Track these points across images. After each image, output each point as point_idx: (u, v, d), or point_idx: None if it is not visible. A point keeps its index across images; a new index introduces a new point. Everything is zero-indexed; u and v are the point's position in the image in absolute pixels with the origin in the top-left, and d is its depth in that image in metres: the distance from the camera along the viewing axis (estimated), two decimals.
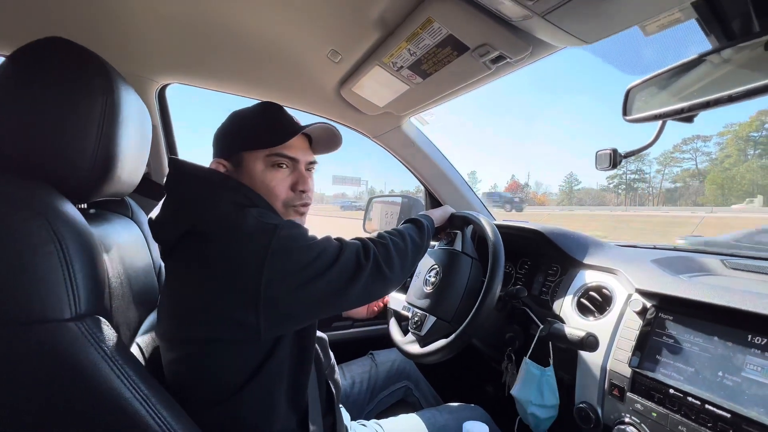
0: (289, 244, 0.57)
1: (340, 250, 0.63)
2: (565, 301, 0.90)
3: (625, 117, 0.73)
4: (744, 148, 41.90)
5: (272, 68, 1.02)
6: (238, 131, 0.70)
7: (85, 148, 0.50)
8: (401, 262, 0.71)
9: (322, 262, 0.59)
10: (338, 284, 0.60)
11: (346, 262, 0.62)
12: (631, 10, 0.56)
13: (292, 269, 0.56)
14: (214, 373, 0.57)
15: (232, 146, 0.69)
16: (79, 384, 0.41)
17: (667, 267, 0.82)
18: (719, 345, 0.61)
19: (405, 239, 0.75)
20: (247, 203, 0.62)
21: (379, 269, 0.66)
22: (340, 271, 0.60)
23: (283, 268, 0.55)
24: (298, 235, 0.60)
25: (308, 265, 0.57)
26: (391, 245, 0.71)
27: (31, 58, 0.49)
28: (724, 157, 41.24)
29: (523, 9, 0.59)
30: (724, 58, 0.60)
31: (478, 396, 1.34)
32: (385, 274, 0.67)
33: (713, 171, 40.97)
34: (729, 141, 41.79)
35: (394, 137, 1.34)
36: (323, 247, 0.61)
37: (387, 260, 0.68)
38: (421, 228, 0.83)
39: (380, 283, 0.67)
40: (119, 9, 0.79)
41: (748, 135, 41.87)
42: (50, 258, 0.41)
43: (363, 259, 0.64)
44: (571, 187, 65.95)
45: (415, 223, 0.84)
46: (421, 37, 0.75)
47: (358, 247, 0.66)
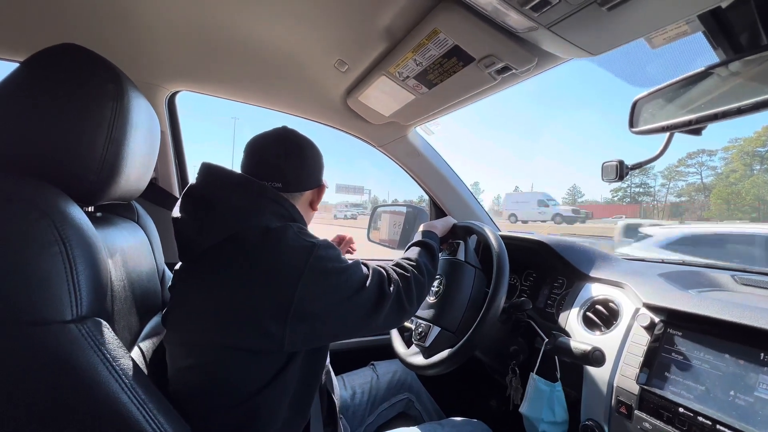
0: (325, 265, 0.59)
1: (367, 277, 0.65)
2: (571, 314, 0.89)
3: (631, 129, 0.73)
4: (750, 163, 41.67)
5: (280, 77, 1.04)
6: (319, 164, 0.78)
7: (94, 152, 0.51)
8: (418, 296, 0.73)
9: (352, 286, 0.62)
10: (364, 310, 0.63)
11: (372, 289, 0.64)
12: (636, 22, 0.56)
13: (325, 289, 0.58)
14: (228, 381, 0.57)
15: (319, 177, 0.79)
16: (77, 386, 0.41)
17: (676, 281, 0.80)
18: (731, 363, 0.59)
19: (422, 271, 0.77)
20: (287, 215, 0.66)
21: (399, 301, 0.68)
22: (367, 298, 0.63)
23: (316, 286, 0.57)
24: (334, 256, 0.62)
25: (339, 287, 0.60)
26: (412, 279, 0.73)
27: (44, 64, 0.51)
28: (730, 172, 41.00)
29: (529, 21, 0.59)
30: (732, 70, 0.60)
31: (481, 410, 1.31)
32: (405, 307, 0.69)
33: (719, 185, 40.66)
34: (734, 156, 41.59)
35: (399, 147, 1.35)
36: (353, 272, 0.63)
37: (408, 293, 0.70)
38: (434, 255, 0.85)
39: (398, 315, 0.69)
40: (131, 18, 0.81)
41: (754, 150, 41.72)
42: (54, 259, 0.41)
43: (387, 289, 0.67)
44: (575, 199, 65.82)
45: (427, 249, 0.85)
46: (427, 47, 0.75)
47: (383, 277, 0.68)
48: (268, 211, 0.63)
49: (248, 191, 0.64)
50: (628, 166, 0.80)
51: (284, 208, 0.66)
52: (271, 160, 0.72)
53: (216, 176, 0.65)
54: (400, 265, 0.76)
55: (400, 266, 0.76)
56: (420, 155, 1.36)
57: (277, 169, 0.71)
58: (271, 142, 0.73)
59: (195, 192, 0.64)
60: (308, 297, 0.56)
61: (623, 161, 0.80)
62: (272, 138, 0.74)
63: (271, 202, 0.64)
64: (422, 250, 0.84)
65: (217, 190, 0.63)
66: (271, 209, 0.64)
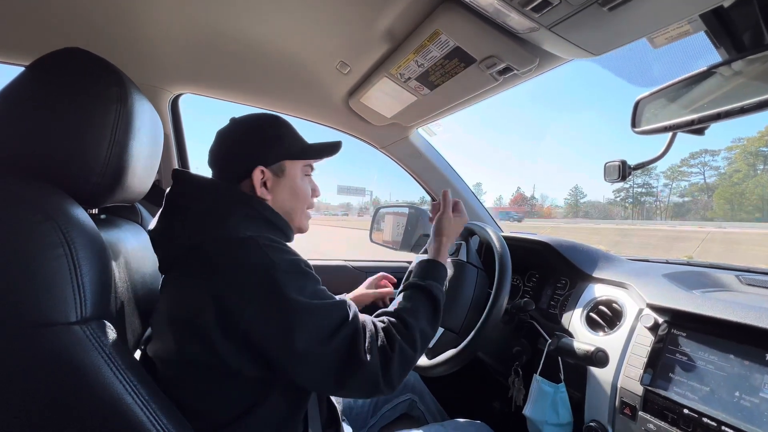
0: (281, 292, 0.52)
1: (337, 329, 0.54)
2: (574, 315, 0.88)
3: (634, 129, 0.73)
4: (753, 162, 41.53)
5: (282, 79, 1.05)
6: (279, 140, 0.68)
7: (98, 154, 0.52)
8: (400, 373, 0.59)
9: (311, 332, 0.52)
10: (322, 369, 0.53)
11: (338, 347, 0.53)
12: (638, 22, 0.56)
13: (274, 322, 0.51)
14: (200, 403, 0.55)
15: (275, 154, 0.68)
16: (81, 387, 0.41)
17: (680, 282, 0.80)
18: (735, 364, 0.58)
19: (415, 344, 0.61)
20: (256, 216, 0.62)
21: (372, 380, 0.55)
22: (328, 356, 0.53)
23: (266, 314, 0.51)
24: (295, 285, 0.54)
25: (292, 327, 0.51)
26: (397, 353, 0.58)
27: (49, 68, 0.51)
28: (733, 172, 40.82)
29: (530, 21, 0.59)
30: (735, 69, 0.60)
31: (484, 411, 1.31)
32: (378, 387, 0.56)
33: (722, 185, 40.46)
34: (737, 155, 41.46)
35: (401, 148, 1.35)
36: (318, 314, 0.54)
37: (385, 370, 0.56)
38: (437, 309, 0.68)
39: (367, 390, 0.56)
40: (135, 21, 0.82)
41: (758, 150, 41.55)
42: (59, 261, 0.42)
43: (362, 355, 0.54)
44: (577, 199, 65.54)
45: (432, 303, 0.68)
46: (429, 49, 0.75)
47: (358, 338, 0.55)
48: (236, 215, 0.59)
49: (213, 195, 0.62)
50: (630, 166, 0.79)
51: (252, 208, 0.62)
52: (210, 159, 0.69)
53: (184, 182, 0.63)
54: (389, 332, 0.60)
55: (388, 332, 0.60)
56: (422, 156, 1.37)
57: (212, 165, 0.69)
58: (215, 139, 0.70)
59: (167, 200, 0.63)
60: (257, 325, 0.51)
61: (626, 161, 0.80)
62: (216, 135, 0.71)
63: (239, 204, 0.61)
64: (424, 303, 0.67)
65: (185, 196, 0.62)
66: (241, 212, 0.60)
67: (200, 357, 0.53)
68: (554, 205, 77.06)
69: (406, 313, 0.64)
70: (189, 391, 0.55)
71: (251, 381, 0.56)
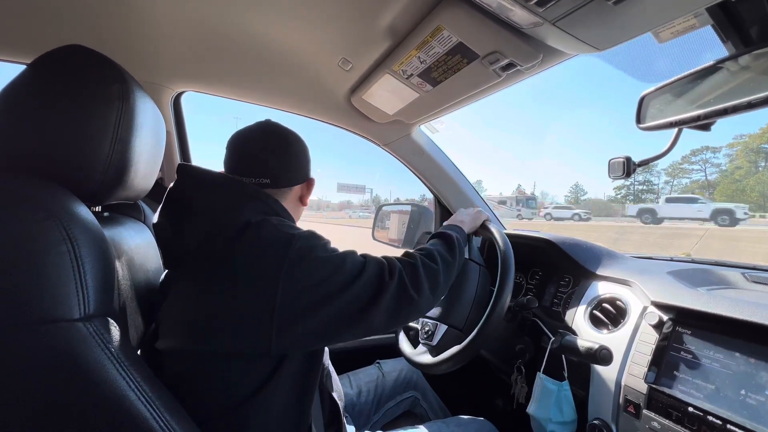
0: (307, 255, 0.55)
1: (362, 266, 0.59)
2: (578, 312, 0.88)
3: (638, 125, 0.72)
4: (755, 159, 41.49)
5: (284, 76, 1.04)
6: (307, 157, 0.75)
7: (101, 152, 0.52)
8: (431, 285, 0.65)
9: (341, 278, 0.56)
10: (358, 305, 0.56)
11: (368, 279, 0.58)
12: (644, 16, 0.55)
13: (309, 284, 0.53)
14: (218, 387, 0.55)
15: (307, 171, 0.75)
16: (85, 383, 0.41)
17: (685, 279, 0.79)
18: (741, 362, 0.58)
19: (435, 258, 0.69)
20: (269, 212, 0.62)
21: (405, 290, 0.61)
22: (360, 290, 0.57)
23: (299, 282, 0.53)
24: (317, 245, 0.57)
25: (326, 280, 0.55)
26: (420, 265, 0.66)
27: (51, 66, 0.51)
28: (735, 169, 40.79)
29: (534, 16, 0.59)
30: (742, 64, 0.59)
31: (487, 409, 1.31)
32: (412, 297, 0.61)
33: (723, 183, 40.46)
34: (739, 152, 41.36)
35: (403, 145, 1.34)
36: (343, 262, 0.58)
37: (414, 281, 0.63)
38: (450, 243, 0.76)
39: (407, 308, 0.62)
40: (137, 19, 0.81)
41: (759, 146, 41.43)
42: (62, 258, 0.42)
43: (387, 277, 0.60)
44: (578, 197, 65.67)
45: (443, 238, 0.78)
46: (431, 44, 0.75)
47: (382, 264, 0.61)
48: (248, 209, 0.60)
49: (226, 190, 0.62)
50: (635, 162, 0.79)
51: (267, 205, 0.63)
52: (256, 155, 0.68)
53: (193, 177, 0.63)
54: (408, 254, 0.70)
55: (407, 254, 0.69)
56: (424, 153, 1.36)
57: (264, 164, 0.68)
58: (255, 136, 0.70)
59: (173, 195, 0.62)
60: (292, 295, 0.52)
61: (630, 158, 0.79)
62: (256, 132, 0.70)
63: (252, 200, 0.61)
64: (437, 240, 0.78)
65: (194, 191, 0.61)
66: (252, 206, 0.60)
67: (228, 348, 0.53)
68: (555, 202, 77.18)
69: (422, 246, 0.75)
70: (198, 383, 0.56)
71: (262, 367, 0.56)
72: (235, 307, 0.52)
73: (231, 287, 0.52)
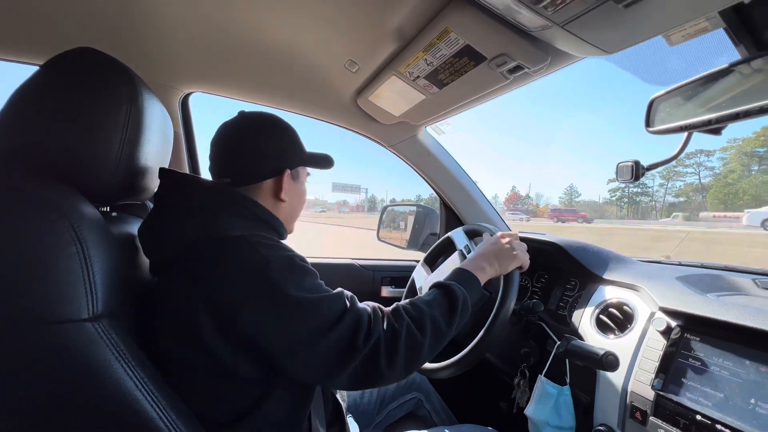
0: (276, 290, 0.51)
1: (337, 319, 0.53)
2: (584, 317, 0.87)
3: (648, 128, 0.71)
4: (748, 163, 42.21)
5: (291, 78, 1.05)
6: (299, 145, 0.71)
7: (109, 153, 0.52)
8: (407, 360, 0.56)
9: (308, 327, 0.51)
10: (319, 363, 0.52)
11: (339, 338, 0.52)
12: (655, 19, 0.55)
13: (272, 318, 0.50)
14: (199, 405, 0.53)
15: (298, 159, 0.70)
16: (93, 382, 0.42)
17: (694, 285, 0.78)
18: (751, 370, 0.57)
19: (424, 329, 0.59)
20: (249, 215, 0.61)
21: (375, 362, 0.54)
22: (325, 349, 0.51)
23: (263, 313, 0.50)
24: (291, 280, 0.52)
25: (291, 322, 0.51)
26: (404, 336, 0.56)
27: (62, 68, 0.52)
28: (728, 172, 41.57)
29: (542, 19, 0.58)
30: (755, 68, 0.58)
31: (490, 412, 1.30)
32: (381, 372, 0.54)
33: (716, 186, 41.05)
34: (732, 156, 42.00)
35: (409, 146, 1.34)
36: (316, 307, 0.52)
37: (390, 354, 0.55)
38: (453, 307, 0.64)
39: (371, 379, 0.55)
40: (147, 21, 0.82)
41: (753, 150, 42.01)
42: (71, 259, 0.43)
43: (361, 342, 0.53)
44: (572, 198, 65.96)
45: (449, 298, 0.65)
46: (438, 47, 0.75)
47: (360, 324, 0.54)
48: (227, 214, 0.58)
49: (201, 193, 0.60)
50: (644, 166, 0.78)
51: (245, 207, 0.60)
52: (221, 153, 0.66)
53: (171, 182, 0.61)
54: (396, 311, 0.60)
55: (396, 313, 0.60)
56: (430, 155, 1.36)
57: (227, 161, 0.66)
58: (225, 131, 0.67)
59: (156, 201, 0.61)
60: (254, 324, 0.50)
61: (639, 162, 0.78)
62: (226, 128, 0.68)
63: (229, 203, 0.59)
64: (440, 298, 0.65)
65: (171, 196, 0.60)
66: (231, 210, 0.59)
67: (195, 358, 0.52)
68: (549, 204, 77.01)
69: (420, 300, 0.63)
70: (186, 393, 0.54)
71: (250, 381, 0.55)
72: (199, 319, 0.51)
73: (198, 300, 0.51)
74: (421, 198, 4.28)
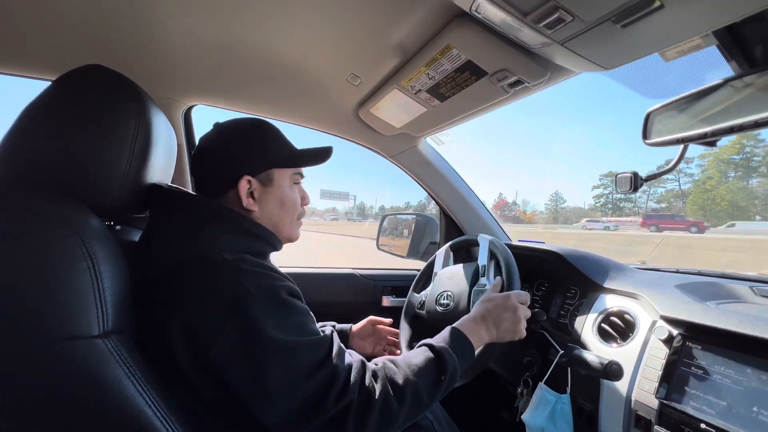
0: (253, 325, 0.49)
1: (310, 373, 0.50)
2: (585, 325, 0.88)
3: (645, 141, 0.73)
4: (725, 170, 44.38)
5: (294, 91, 1.06)
6: (265, 147, 0.65)
7: (118, 168, 0.53)
8: (376, 429, 0.53)
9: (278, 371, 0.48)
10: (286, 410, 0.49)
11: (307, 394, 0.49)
12: (651, 38, 0.57)
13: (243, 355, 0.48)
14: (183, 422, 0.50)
15: (262, 163, 0.64)
16: (103, 399, 0.42)
17: (693, 293, 0.79)
18: (753, 378, 0.58)
19: (404, 399, 0.55)
20: (235, 229, 0.59)
21: (341, 424, 0.51)
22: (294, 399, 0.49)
23: (235, 347, 0.48)
24: (270, 318, 0.50)
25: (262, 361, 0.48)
26: (378, 408, 0.53)
27: (73, 85, 0.53)
28: (706, 179, 43.77)
29: (542, 37, 0.60)
30: (748, 82, 0.60)
31: (493, 421, 1.30)
32: None
33: (695, 192, 43.03)
34: (710, 163, 44.34)
35: (409, 157, 1.36)
36: (291, 355, 0.49)
37: (359, 422, 0.51)
38: (439, 382, 0.60)
39: None
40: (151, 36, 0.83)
41: (729, 158, 44.22)
42: (83, 275, 0.43)
43: (330, 403, 0.50)
44: (557, 205, 67.67)
45: (438, 367, 0.60)
46: (440, 62, 0.76)
47: (334, 382, 0.51)
48: (211, 229, 0.56)
49: (185, 208, 0.59)
50: (642, 177, 0.80)
51: (230, 221, 0.59)
52: (192, 168, 0.67)
53: (161, 198, 0.60)
54: (379, 374, 0.56)
55: (376, 375, 0.56)
56: (430, 165, 1.37)
57: (195, 176, 0.66)
58: (197, 145, 0.68)
59: (149, 217, 0.61)
60: (224, 359, 0.48)
61: (637, 173, 0.80)
62: (198, 142, 0.68)
63: (212, 217, 0.58)
64: (428, 366, 0.60)
65: (160, 213, 0.59)
66: (216, 226, 0.57)
67: (170, 377, 0.51)
68: (536, 210, 78.38)
69: (407, 363, 0.59)
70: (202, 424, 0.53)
71: (217, 407, 0.53)
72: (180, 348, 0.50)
73: (174, 321, 0.50)
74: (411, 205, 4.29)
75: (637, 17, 0.50)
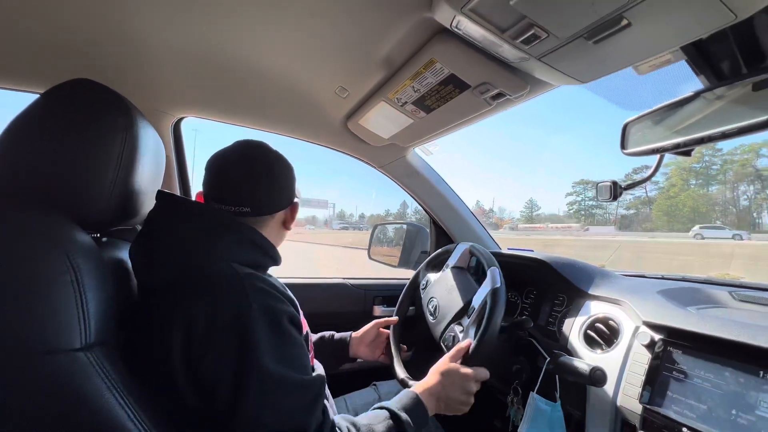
0: (250, 338, 0.50)
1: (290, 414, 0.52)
2: (572, 332, 0.89)
3: (623, 150, 0.75)
4: (687, 178, 46.92)
5: (283, 103, 1.07)
6: (290, 180, 0.72)
7: (104, 181, 0.53)
8: None
9: (265, 401, 0.50)
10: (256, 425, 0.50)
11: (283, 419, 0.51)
12: (622, 53, 0.59)
13: (232, 374, 0.50)
14: None
15: (291, 195, 0.73)
16: (85, 413, 0.41)
17: (675, 298, 0.81)
18: (731, 381, 0.59)
19: None
20: (246, 241, 0.61)
21: None
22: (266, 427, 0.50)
23: (225, 360, 0.50)
24: (267, 346, 0.51)
25: (251, 372, 0.49)
26: None
27: (60, 98, 0.53)
28: (670, 186, 46.22)
29: (521, 52, 0.62)
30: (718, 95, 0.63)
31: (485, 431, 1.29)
32: None
33: (660, 198, 45.56)
34: (673, 171, 46.97)
35: (399, 167, 1.38)
36: (275, 389, 0.51)
37: None
38: None
39: None
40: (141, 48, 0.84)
41: (690, 166, 47.25)
42: (66, 288, 0.43)
43: None
44: (531, 212, 69.66)
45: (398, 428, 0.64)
46: (425, 75, 0.79)
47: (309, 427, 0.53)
48: (225, 240, 0.58)
49: (202, 220, 0.60)
50: (621, 186, 0.82)
51: (242, 234, 0.61)
52: (236, 183, 0.65)
53: (170, 204, 0.62)
54: None
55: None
56: (419, 175, 1.39)
57: (243, 191, 0.66)
58: (236, 160, 0.67)
59: (150, 223, 0.61)
60: (214, 368, 0.50)
61: (617, 182, 0.82)
62: (237, 156, 0.67)
63: (227, 230, 0.60)
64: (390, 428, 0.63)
65: (169, 220, 0.60)
66: (230, 237, 0.59)
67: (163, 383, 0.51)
68: (512, 217, 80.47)
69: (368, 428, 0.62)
70: None
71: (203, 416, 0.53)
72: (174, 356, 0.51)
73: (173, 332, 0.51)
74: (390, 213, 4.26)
75: (608, 34, 0.53)
